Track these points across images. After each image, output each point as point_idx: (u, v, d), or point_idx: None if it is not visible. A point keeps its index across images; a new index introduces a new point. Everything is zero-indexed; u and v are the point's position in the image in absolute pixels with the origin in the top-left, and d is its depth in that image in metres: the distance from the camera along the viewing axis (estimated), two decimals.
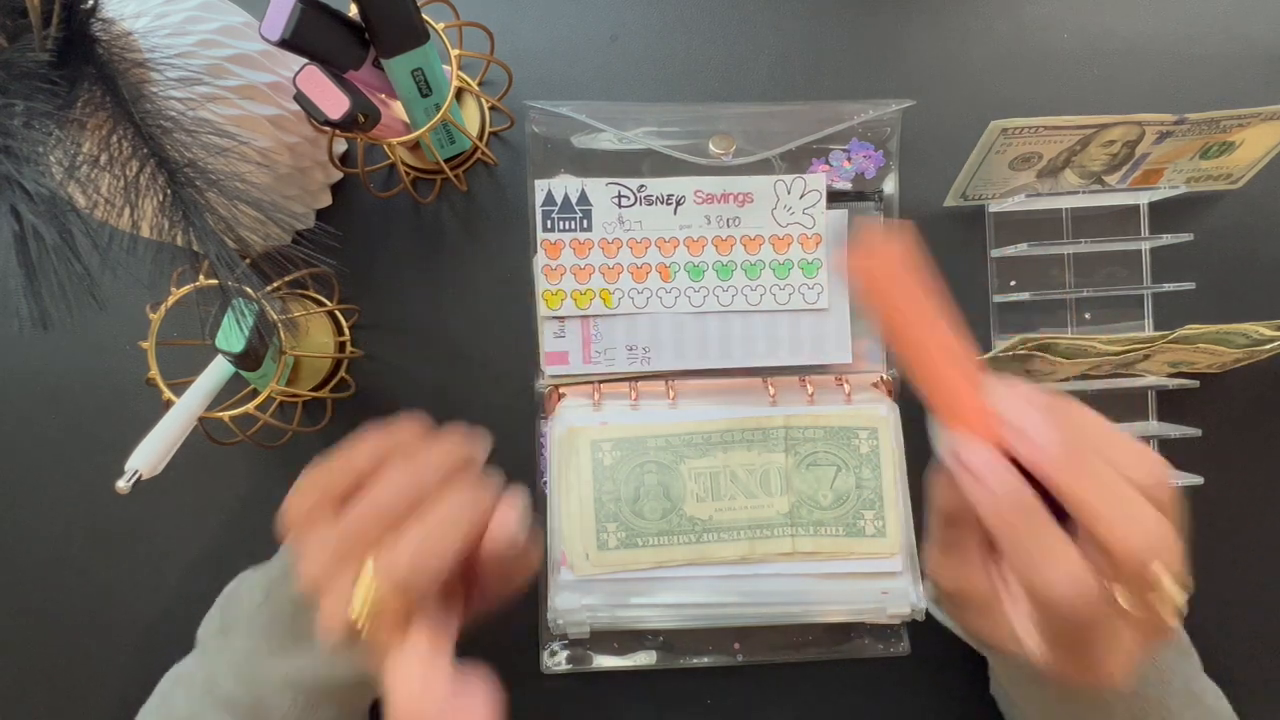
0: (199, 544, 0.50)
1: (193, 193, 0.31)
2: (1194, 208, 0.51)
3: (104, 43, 0.31)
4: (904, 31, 0.52)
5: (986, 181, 0.48)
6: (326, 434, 0.49)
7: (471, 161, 0.50)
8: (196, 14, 0.37)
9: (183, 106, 0.33)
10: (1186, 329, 0.42)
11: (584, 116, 0.48)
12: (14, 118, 0.28)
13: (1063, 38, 0.52)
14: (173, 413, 0.39)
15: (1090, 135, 0.45)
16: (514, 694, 0.50)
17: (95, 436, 0.50)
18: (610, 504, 0.45)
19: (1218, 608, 0.51)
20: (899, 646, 0.48)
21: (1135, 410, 0.51)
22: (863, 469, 0.46)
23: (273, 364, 0.42)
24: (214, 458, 0.48)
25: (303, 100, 0.37)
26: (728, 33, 0.52)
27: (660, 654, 0.48)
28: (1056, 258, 0.50)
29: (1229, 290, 0.51)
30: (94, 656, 0.50)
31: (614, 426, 0.46)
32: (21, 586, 0.50)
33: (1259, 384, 0.50)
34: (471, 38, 0.49)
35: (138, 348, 0.43)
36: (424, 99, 0.42)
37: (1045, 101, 0.51)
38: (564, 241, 0.48)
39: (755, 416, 0.47)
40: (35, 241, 0.28)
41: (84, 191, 0.32)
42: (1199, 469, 0.48)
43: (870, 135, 0.50)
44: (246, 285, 0.35)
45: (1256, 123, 0.44)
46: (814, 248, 0.49)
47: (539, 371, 0.49)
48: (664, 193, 0.48)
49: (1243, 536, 0.51)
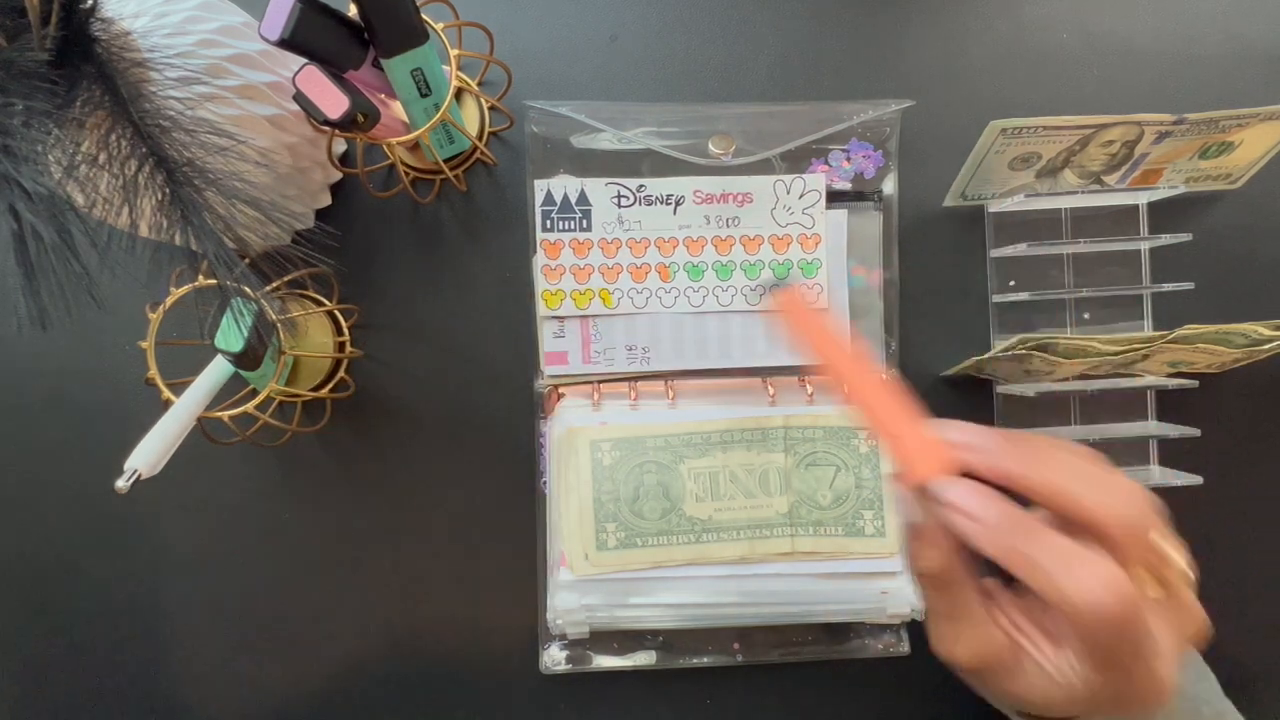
0: (198, 544, 0.50)
1: (191, 192, 0.31)
2: (1193, 208, 0.51)
3: (103, 42, 0.31)
4: (904, 31, 0.52)
5: (986, 181, 0.48)
6: (326, 434, 0.49)
7: (471, 161, 0.50)
8: (196, 14, 0.37)
9: (182, 106, 0.33)
10: (1186, 329, 0.42)
11: (583, 116, 0.48)
12: (13, 117, 0.28)
13: (1062, 38, 0.52)
14: (172, 412, 0.39)
15: (1089, 135, 0.45)
16: (514, 694, 0.50)
17: (95, 436, 0.50)
18: (610, 504, 0.45)
19: (1217, 608, 0.51)
20: (899, 646, 0.48)
21: (1135, 410, 0.51)
22: (862, 469, 0.46)
23: (272, 364, 0.42)
24: (213, 458, 0.48)
25: (302, 100, 0.37)
26: (728, 33, 0.52)
27: (660, 654, 0.48)
28: (1056, 258, 0.50)
29: (1228, 290, 0.51)
30: (93, 656, 0.50)
31: (613, 426, 0.46)
32: (21, 586, 0.50)
33: (1258, 384, 0.50)
34: (471, 38, 0.49)
35: (137, 348, 0.43)
36: (423, 99, 0.42)
37: (1044, 101, 0.51)
38: (563, 241, 0.48)
39: (755, 416, 0.47)
40: (34, 241, 0.28)
41: (83, 190, 0.32)
42: (1198, 469, 0.48)
43: (870, 135, 0.50)
44: (245, 285, 0.35)
45: (1256, 123, 0.44)
46: (813, 248, 0.49)
47: (538, 371, 0.49)
48: (663, 193, 0.48)
49: (1243, 536, 0.51)
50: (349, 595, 0.50)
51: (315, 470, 0.50)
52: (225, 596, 0.50)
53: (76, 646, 0.50)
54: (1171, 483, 0.47)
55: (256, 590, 0.50)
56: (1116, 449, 0.50)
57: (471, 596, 0.49)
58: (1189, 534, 0.51)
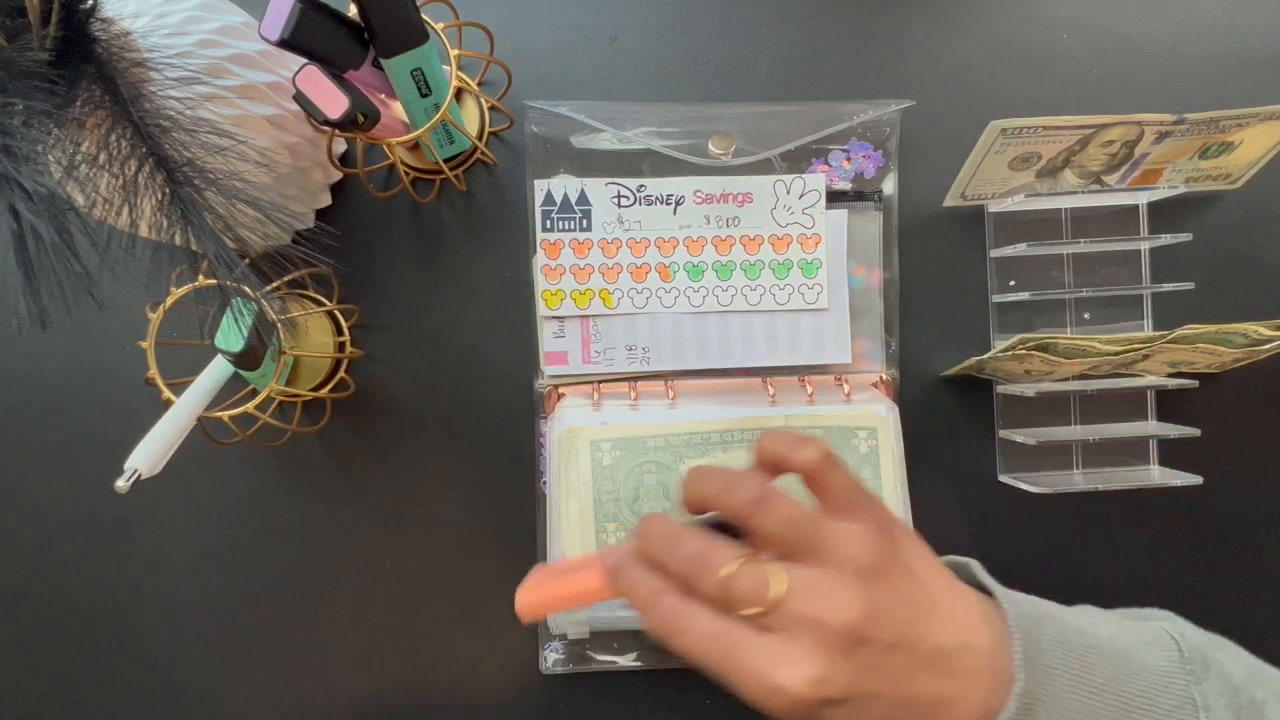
0: (198, 543, 0.50)
1: (191, 192, 0.31)
2: (1193, 208, 0.51)
3: (103, 42, 0.31)
4: (904, 31, 0.52)
5: (986, 181, 0.48)
6: (326, 434, 0.49)
7: (471, 161, 0.50)
8: (196, 14, 0.37)
9: (182, 106, 0.33)
10: (1186, 329, 0.42)
11: (583, 116, 0.48)
12: (13, 117, 0.28)
13: (1062, 38, 0.52)
14: (172, 412, 0.39)
15: (1089, 135, 0.45)
16: (514, 694, 0.50)
17: (95, 436, 0.50)
18: (610, 504, 0.45)
19: (1217, 607, 0.51)
20: None
21: (1134, 410, 0.51)
22: (862, 469, 0.46)
23: (272, 364, 0.42)
24: (213, 457, 0.48)
25: (302, 100, 0.37)
26: (728, 33, 0.52)
27: (660, 654, 0.48)
28: (1056, 258, 0.50)
29: (1228, 290, 0.51)
30: (93, 655, 0.50)
31: (613, 426, 0.46)
32: (21, 585, 0.50)
33: (1258, 384, 0.50)
34: (471, 37, 0.49)
35: (137, 348, 0.43)
36: (423, 99, 0.42)
37: (1045, 101, 0.51)
38: (563, 241, 0.48)
39: (755, 416, 0.47)
40: (34, 240, 0.28)
41: (83, 190, 0.32)
42: (1198, 469, 0.48)
43: (870, 135, 0.50)
44: (245, 285, 0.35)
45: (1255, 123, 0.44)
46: (813, 248, 0.49)
47: (538, 371, 0.49)
48: (663, 193, 0.48)
49: (1242, 536, 0.51)
50: (349, 595, 0.50)
51: (315, 470, 0.50)
52: (225, 596, 0.50)
53: (76, 645, 0.50)
54: (1171, 483, 0.47)
55: (256, 590, 0.50)
56: (1116, 449, 0.50)
57: (472, 596, 0.49)
58: (1189, 534, 0.51)
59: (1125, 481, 0.48)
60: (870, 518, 0.30)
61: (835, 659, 0.27)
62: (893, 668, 0.28)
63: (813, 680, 0.27)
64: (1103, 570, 0.50)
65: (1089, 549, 0.50)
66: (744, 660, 0.28)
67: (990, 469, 0.50)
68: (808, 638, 0.28)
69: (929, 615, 0.29)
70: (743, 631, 0.28)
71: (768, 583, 0.28)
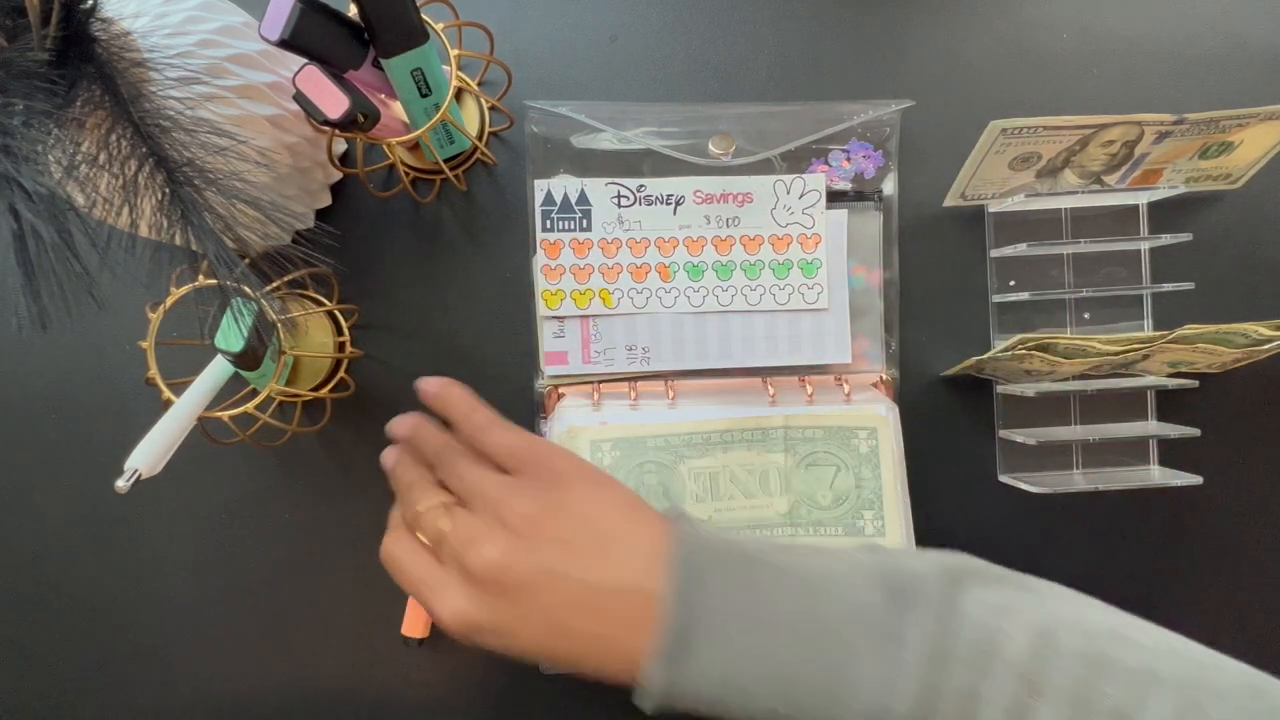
0: (198, 543, 0.50)
1: (191, 192, 0.31)
2: (1193, 208, 0.51)
3: (103, 42, 0.31)
4: (904, 31, 0.52)
5: (986, 181, 0.48)
6: (325, 434, 0.49)
7: (471, 162, 0.50)
8: (196, 14, 0.37)
9: (182, 106, 0.33)
10: (1186, 329, 0.42)
11: (583, 116, 0.48)
12: (13, 117, 0.28)
13: (1062, 38, 0.52)
14: (172, 412, 0.39)
15: (1089, 135, 0.45)
16: (514, 694, 0.50)
17: (95, 436, 0.50)
18: None
19: (1217, 607, 0.51)
20: None
21: (1135, 410, 0.51)
22: (862, 469, 0.46)
23: (272, 364, 0.42)
24: (213, 458, 0.48)
25: (302, 100, 0.37)
26: (728, 33, 0.52)
27: None
28: (1056, 258, 0.50)
29: (1228, 290, 0.51)
30: (93, 655, 0.50)
31: (613, 426, 0.46)
32: (21, 585, 0.50)
33: (1258, 384, 0.50)
34: (471, 38, 0.49)
35: (137, 348, 0.43)
36: (423, 99, 0.42)
37: (1045, 101, 0.51)
38: (563, 241, 0.48)
39: (755, 416, 0.47)
40: (34, 240, 0.28)
41: (83, 190, 0.32)
42: (1198, 469, 0.48)
43: (870, 135, 0.50)
44: (245, 285, 0.35)
45: (1255, 123, 0.44)
46: (813, 248, 0.49)
47: (538, 371, 0.49)
48: (663, 193, 0.48)
49: (1242, 536, 0.51)
50: (349, 595, 0.50)
51: (315, 470, 0.50)
52: (225, 596, 0.50)
53: (76, 645, 0.50)
54: (1171, 483, 0.47)
55: (256, 590, 0.50)
56: (1116, 449, 0.50)
57: None
58: (1189, 534, 0.51)
59: (1125, 481, 0.48)
60: (536, 472, 0.35)
61: (475, 594, 0.32)
62: (535, 604, 0.31)
63: (455, 611, 0.32)
64: (1103, 570, 0.50)
65: (1089, 549, 0.50)
66: (420, 589, 0.33)
67: (990, 469, 0.50)
68: (456, 575, 0.33)
69: (591, 557, 0.32)
70: (429, 564, 0.34)
71: (439, 522, 0.34)
